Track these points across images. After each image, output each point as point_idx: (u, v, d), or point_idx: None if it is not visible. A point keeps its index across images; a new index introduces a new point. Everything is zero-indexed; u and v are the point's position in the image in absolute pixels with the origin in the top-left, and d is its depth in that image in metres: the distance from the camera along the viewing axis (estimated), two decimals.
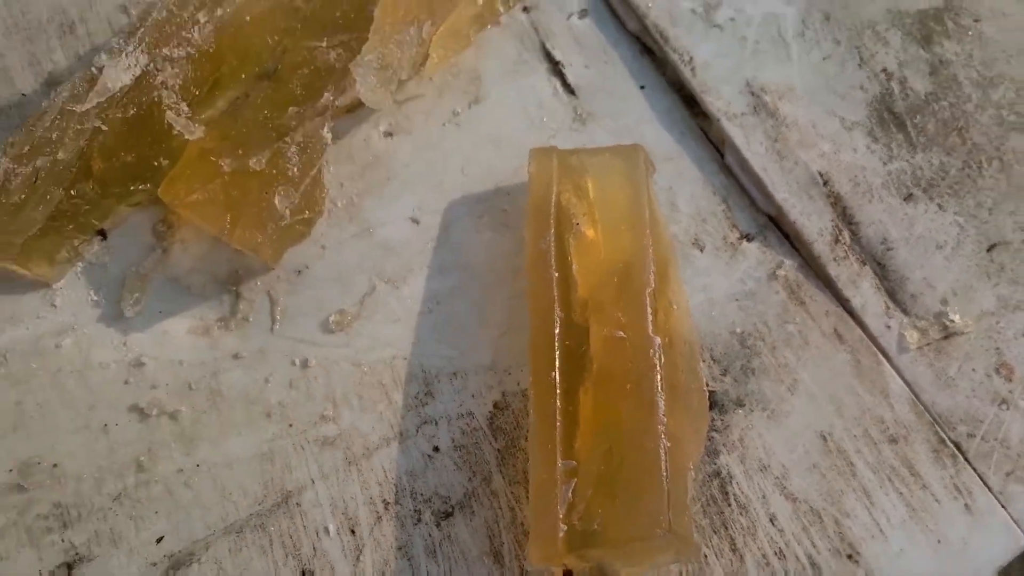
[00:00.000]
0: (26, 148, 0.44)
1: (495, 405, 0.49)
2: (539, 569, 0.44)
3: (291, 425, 0.47)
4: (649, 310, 0.46)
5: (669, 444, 0.43)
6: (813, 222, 0.55)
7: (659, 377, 0.44)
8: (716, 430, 0.50)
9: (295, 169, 0.48)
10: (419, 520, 0.46)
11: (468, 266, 0.52)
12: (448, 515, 0.47)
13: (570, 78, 0.58)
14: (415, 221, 0.53)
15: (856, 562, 0.48)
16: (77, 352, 0.47)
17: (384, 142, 0.54)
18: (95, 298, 0.49)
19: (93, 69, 0.46)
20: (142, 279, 0.49)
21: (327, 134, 0.49)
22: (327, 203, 0.52)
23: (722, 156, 0.57)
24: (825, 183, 0.56)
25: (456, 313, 0.51)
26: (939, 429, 0.51)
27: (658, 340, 0.45)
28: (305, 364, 0.49)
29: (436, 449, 0.48)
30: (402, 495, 0.47)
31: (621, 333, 0.46)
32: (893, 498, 0.49)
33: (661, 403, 0.44)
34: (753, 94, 0.58)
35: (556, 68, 0.58)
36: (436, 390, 0.49)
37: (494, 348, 0.50)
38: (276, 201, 0.47)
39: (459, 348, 0.50)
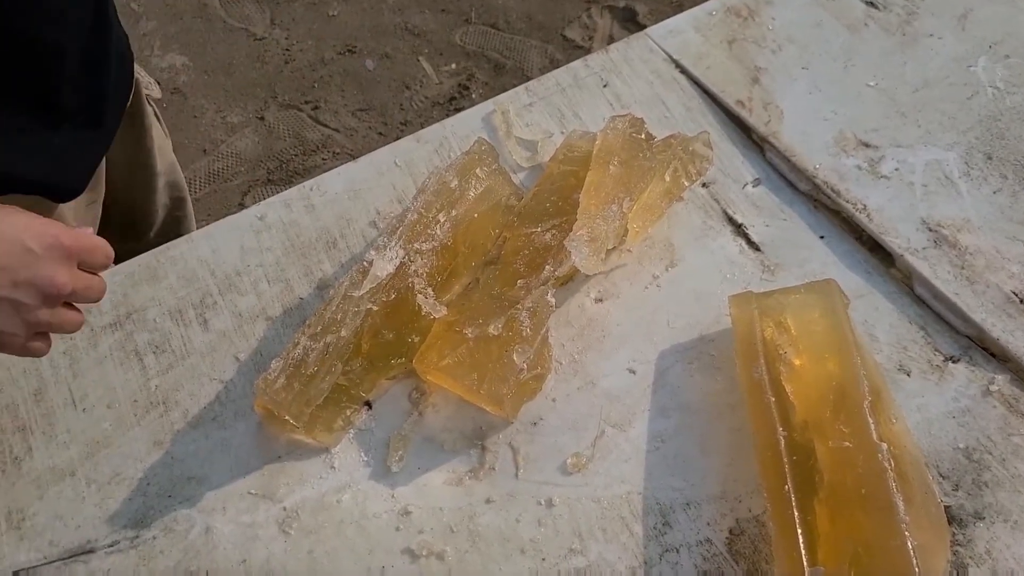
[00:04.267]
0: (319, 328, 0.54)
1: (731, 531, 0.52)
2: None
3: (544, 559, 0.51)
4: (871, 419, 0.49)
5: (916, 542, 0.44)
6: (1018, 338, 0.57)
7: (892, 478, 0.46)
8: (959, 544, 0.50)
9: (527, 330, 0.55)
10: None
11: (687, 406, 0.57)
12: None
13: (754, 237, 0.64)
14: (632, 372, 0.58)
15: None
16: (355, 505, 0.54)
17: (596, 306, 0.61)
18: (366, 459, 0.56)
19: (364, 263, 0.56)
20: (403, 440, 0.56)
21: (551, 299, 0.56)
22: (553, 362, 0.58)
23: (911, 289, 0.61)
24: (1021, 301, 0.58)
25: (682, 449, 0.55)
26: None
27: (885, 445, 0.47)
28: (550, 503, 0.53)
29: None
30: None
31: (847, 443, 0.48)
32: None
33: (900, 503, 0.45)
34: (931, 230, 0.62)
35: (740, 230, 0.64)
36: (673, 520, 0.52)
37: (722, 478, 0.53)
38: (515, 357, 0.54)
39: (689, 480, 0.54)
